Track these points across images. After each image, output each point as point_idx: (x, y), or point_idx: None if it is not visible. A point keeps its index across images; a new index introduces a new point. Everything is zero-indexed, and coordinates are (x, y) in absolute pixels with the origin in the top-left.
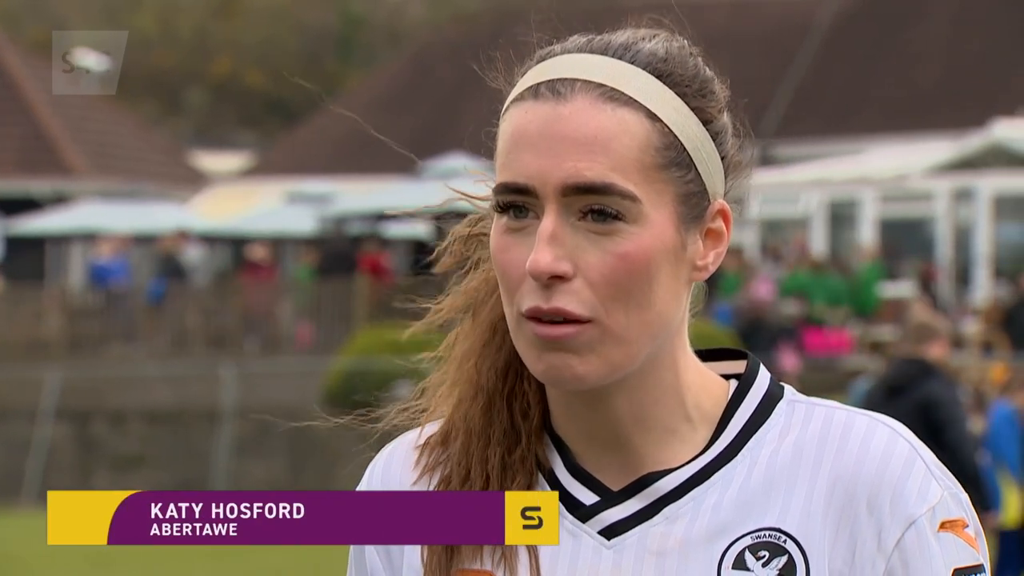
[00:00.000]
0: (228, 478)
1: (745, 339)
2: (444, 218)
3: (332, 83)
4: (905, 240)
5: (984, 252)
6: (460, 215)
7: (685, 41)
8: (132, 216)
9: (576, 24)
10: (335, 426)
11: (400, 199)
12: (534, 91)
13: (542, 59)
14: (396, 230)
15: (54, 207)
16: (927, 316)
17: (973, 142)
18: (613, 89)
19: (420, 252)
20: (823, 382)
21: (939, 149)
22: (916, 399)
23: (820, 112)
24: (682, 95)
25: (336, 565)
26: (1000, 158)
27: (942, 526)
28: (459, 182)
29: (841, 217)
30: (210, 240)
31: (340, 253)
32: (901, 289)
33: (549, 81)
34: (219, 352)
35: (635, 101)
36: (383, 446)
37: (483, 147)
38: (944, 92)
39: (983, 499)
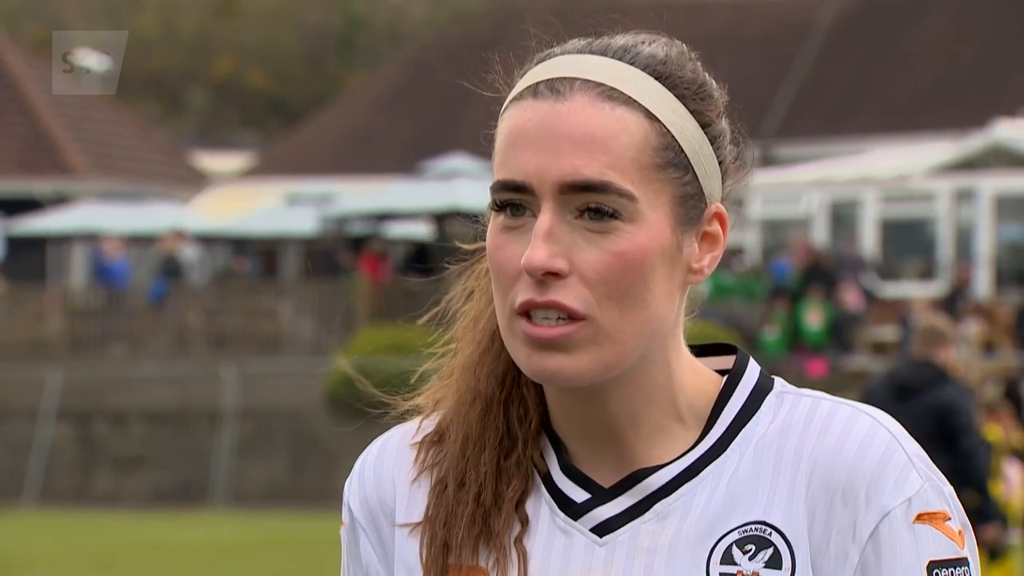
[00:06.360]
0: (229, 478)
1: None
2: (445, 219)
3: (333, 84)
4: (906, 240)
5: (985, 252)
6: (462, 215)
7: (684, 46)
8: (132, 216)
9: (576, 24)
10: (335, 427)
11: (400, 199)
12: (533, 90)
13: (541, 60)
14: (396, 230)
15: (55, 207)
16: (939, 320)
17: (974, 142)
18: (612, 88)
19: (420, 252)
20: (830, 385)
21: (940, 149)
22: (930, 403)
23: (821, 112)
24: (681, 97)
25: (335, 566)
26: (1001, 158)
27: (919, 518)
28: (459, 182)
29: (842, 217)
30: (210, 240)
31: (326, 252)
32: (903, 289)
33: (548, 80)
34: (220, 352)
35: (634, 101)
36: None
37: (483, 148)
38: (944, 92)
39: (987, 510)
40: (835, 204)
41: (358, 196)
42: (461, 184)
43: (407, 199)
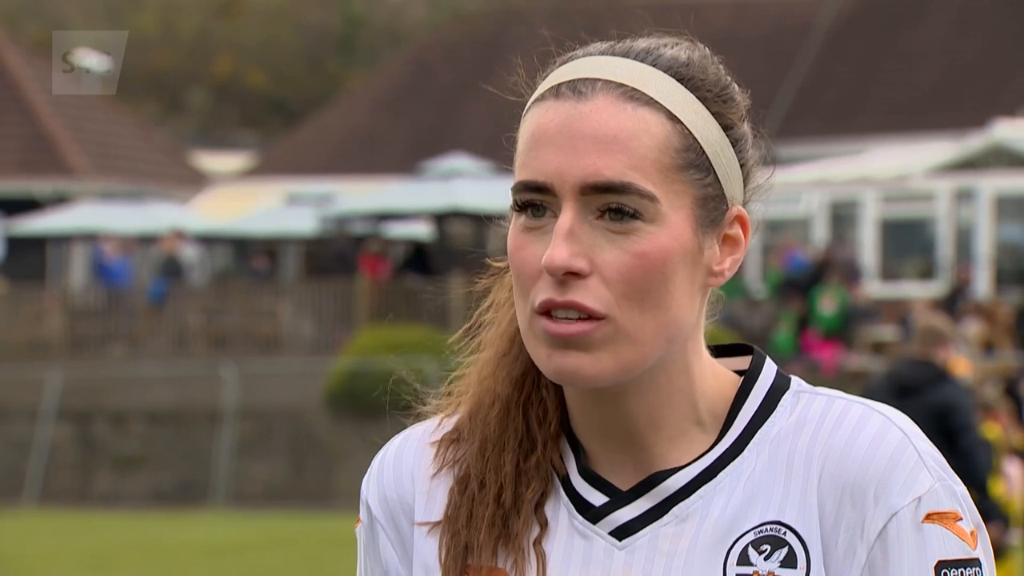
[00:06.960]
0: (229, 478)
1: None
2: (445, 219)
3: (333, 84)
4: (906, 240)
5: (985, 252)
6: (462, 216)
7: (707, 49)
8: (132, 216)
9: (575, 25)
10: (335, 427)
11: (400, 199)
12: (555, 91)
13: (564, 62)
14: (396, 230)
15: (55, 207)
16: (938, 320)
17: (974, 142)
18: (634, 89)
19: (420, 252)
20: (830, 384)
21: (940, 149)
22: (930, 402)
23: (820, 112)
24: (703, 99)
25: (335, 566)
26: (1001, 158)
27: (928, 517)
28: (459, 182)
29: (842, 217)
30: (210, 240)
31: (339, 253)
32: (903, 289)
33: (570, 81)
34: (220, 352)
35: (656, 102)
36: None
37: (483, 148)
38: (944, 92)
39: (988, 510)
40: (835, 204)
41: (358, 196)
42: (461, 184)
43: (407, 199)
